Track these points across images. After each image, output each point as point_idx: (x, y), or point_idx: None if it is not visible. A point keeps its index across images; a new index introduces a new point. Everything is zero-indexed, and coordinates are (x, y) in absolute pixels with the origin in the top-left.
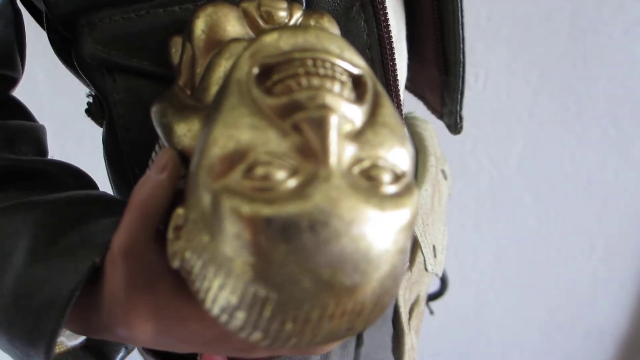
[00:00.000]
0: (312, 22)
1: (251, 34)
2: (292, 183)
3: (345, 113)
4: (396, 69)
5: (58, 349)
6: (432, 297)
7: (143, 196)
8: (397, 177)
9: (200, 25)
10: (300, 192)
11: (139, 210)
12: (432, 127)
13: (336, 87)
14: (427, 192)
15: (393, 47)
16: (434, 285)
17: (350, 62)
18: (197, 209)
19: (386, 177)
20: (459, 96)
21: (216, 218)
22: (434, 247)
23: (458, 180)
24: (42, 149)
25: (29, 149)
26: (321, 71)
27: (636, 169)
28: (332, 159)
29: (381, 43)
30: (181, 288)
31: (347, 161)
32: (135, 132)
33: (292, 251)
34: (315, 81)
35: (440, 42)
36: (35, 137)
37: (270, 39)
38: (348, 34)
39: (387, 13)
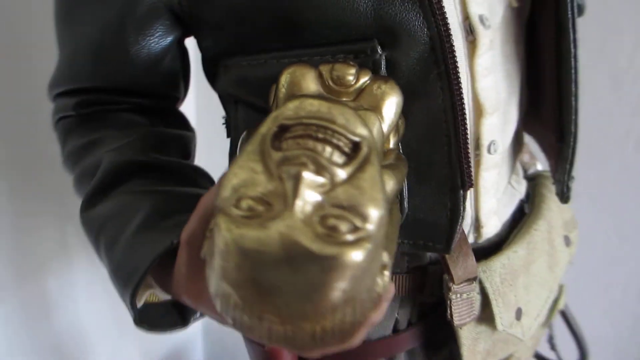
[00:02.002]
0: (375, 87)
1: (322, 91)
2: (264, 216)
3: (324, 172)
4: (467, 132)
5: (155, 299)
6: None
7: (205, 203)
8: (355, 229)
9: (282, 81)
10: (263, 224)
11: (200, 213)
12: None
13: (327, 150)
14: (517, 253)
15: (464, 112)
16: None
17: (352, 131)
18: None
19: (344, 227)
20: (568, 166)
21: (215, 229)
22: (519, 309)
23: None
24: (186, 153)
25: (174, 152)
26: (320, 136)
27: None
28: (297, 204)
29: (454, 108)
30: None
31: (310, 209)
32: None
33: (243, 264)
34: (310, 143)
35: (557, 110)
36: (183, 143)
37: (292, 105)
38: (425, 95)
39: (460, 82)
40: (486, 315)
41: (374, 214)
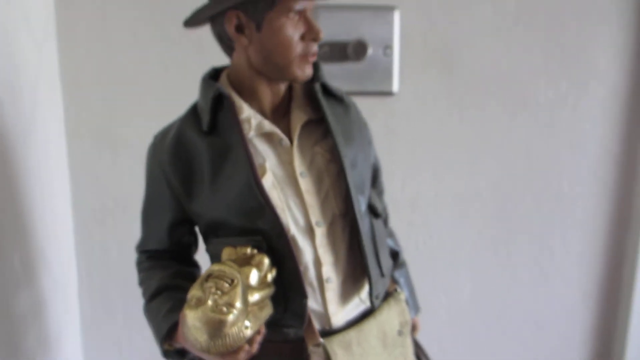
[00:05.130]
0: (256, 257)
1: (236, 257)
2: (197, 305)
3: (220, 290)
4: (300, 274)
5: (171, 347)
6: None
7: None
8: (227, 310)
9: (223, 253)
10: (197, 307)
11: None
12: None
13: (221, 282)
14: (348, 334)
15: (297, 266)
16: None
17: (230, 276)
18: None
19: (224, 309)
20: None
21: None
22: None
23: None
24: (193, 277)
25: (188, 278)
26: (220, 276)
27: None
28: (209, 301)
29: (294, 267)
30: None
31: (213, 302)
32: None
33: (189, 322)
34: (215, 280)
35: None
36: (192, 273)
37: (214, 266)
38: (283, 258)
39: (292, 254)
40: None
41: (233, 305)
